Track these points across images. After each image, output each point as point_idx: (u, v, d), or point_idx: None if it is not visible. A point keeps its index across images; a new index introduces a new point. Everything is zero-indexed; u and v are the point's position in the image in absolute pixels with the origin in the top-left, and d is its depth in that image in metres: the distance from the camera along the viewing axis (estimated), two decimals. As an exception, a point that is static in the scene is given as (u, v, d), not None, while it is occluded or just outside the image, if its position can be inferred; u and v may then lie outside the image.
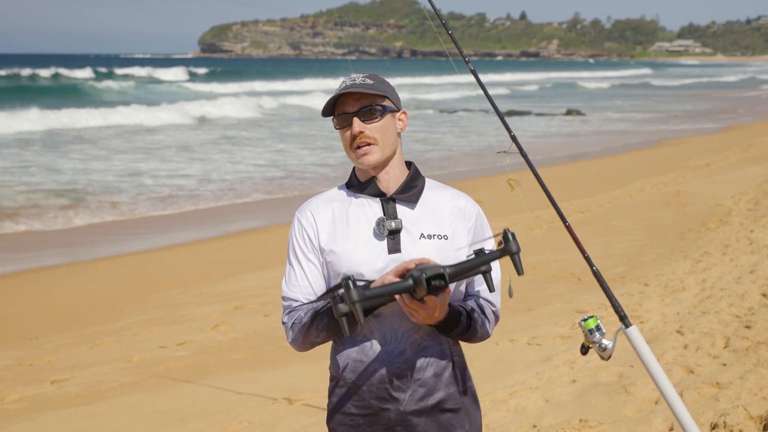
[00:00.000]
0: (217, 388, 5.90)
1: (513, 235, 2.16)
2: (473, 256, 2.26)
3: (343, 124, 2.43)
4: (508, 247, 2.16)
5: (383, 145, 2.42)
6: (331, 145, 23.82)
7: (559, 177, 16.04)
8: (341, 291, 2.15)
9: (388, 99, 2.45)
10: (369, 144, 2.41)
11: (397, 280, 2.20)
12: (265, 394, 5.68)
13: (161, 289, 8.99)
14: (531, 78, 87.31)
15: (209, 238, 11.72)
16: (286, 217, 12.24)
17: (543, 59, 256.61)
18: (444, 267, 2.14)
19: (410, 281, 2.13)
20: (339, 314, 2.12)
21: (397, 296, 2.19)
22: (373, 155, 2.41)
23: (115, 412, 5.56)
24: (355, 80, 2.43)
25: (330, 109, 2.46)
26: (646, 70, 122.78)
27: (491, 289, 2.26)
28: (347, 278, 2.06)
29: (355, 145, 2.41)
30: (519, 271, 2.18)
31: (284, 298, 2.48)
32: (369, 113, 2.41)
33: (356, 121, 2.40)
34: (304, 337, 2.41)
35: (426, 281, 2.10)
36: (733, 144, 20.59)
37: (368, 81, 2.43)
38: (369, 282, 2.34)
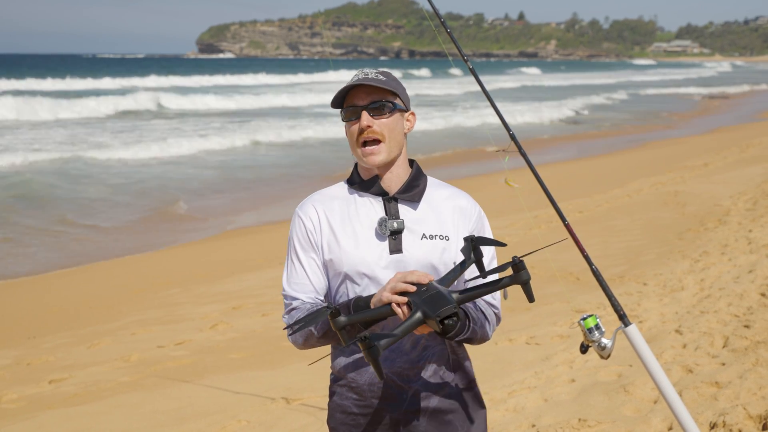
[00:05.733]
0: (215, 387, 5.89)
1: (523, 263, 2.16)
2: (480, 278, 2.28)
3: (351, 117, 2.39)
4: (520, 276, 2.16)
5: (390, 144, 2.38)
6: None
7: (556, 177, 16.02)
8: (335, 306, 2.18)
9: (399, 98, 2.41)
10: (376, 141, 2.37)
11: (395, 299, 2.17)
12: (264, 393, 5.68)
13: (159, 289, 8.97)
14: (614, 82, 70.08)
15: (208, 237, 11.71)
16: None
17: (541, 59, 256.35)
18: (453, 299, 2.12)
19: (419, 315, 2.11)
20: (338, 326, 2.15)
21: (396, 309, 2.18)
22: (380, 155, 2.37)
23: (114, 412, 5.56)
24: (367, 74, 2.39)
25: (339, 101, 2.41)
26: (725, 68, 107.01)
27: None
28: (365, 337, 2.05)
29: (361, 140, 2.37)
30: (530, 298, 2.20)
31: (285, 296, 2.45)
32: (378, 109, 2.37)
33: (365, 115, 2.36)
34: (305, 341, 2.40)
35: (439, 320, 2.09)
36: (731, 144, 20.57)
37: (380, 77, 2.40)
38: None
